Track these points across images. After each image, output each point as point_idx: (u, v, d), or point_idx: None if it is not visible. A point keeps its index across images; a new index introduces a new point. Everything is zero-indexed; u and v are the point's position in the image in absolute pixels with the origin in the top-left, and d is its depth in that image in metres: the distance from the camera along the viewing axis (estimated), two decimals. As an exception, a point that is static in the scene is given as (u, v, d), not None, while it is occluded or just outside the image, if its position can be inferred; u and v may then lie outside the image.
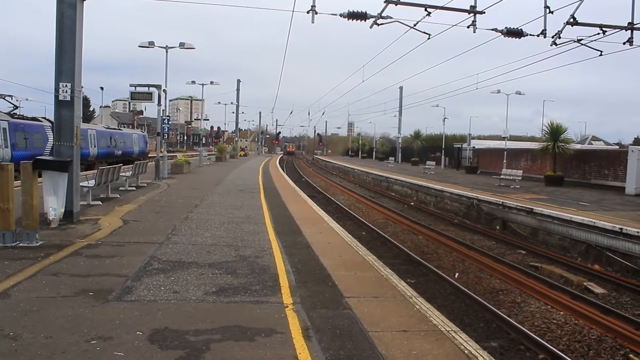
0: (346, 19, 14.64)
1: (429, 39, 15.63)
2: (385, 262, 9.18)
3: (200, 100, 62.61)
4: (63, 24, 10.42)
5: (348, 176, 44.80)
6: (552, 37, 14.94)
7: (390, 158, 61.44)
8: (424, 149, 59.36)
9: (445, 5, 14.31)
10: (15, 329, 4.71)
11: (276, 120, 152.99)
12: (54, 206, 9.83)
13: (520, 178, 25.83)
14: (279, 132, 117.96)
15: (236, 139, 73.07)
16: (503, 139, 35.06)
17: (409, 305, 6.08)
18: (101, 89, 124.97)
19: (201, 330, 4.88)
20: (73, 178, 10.59)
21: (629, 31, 14.65)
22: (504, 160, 32.84)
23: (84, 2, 10.84)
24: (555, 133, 26.69)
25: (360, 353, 4.56)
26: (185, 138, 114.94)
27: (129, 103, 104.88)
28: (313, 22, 14.53)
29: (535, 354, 6.93)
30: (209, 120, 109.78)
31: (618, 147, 41.55)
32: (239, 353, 4.41)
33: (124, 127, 63.04)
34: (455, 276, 10.96)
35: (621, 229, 12.04)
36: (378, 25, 14.84)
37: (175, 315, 5.28)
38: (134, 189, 18.25)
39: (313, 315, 5.52)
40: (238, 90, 64.78)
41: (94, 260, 7.51)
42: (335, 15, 14.60)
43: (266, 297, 6.07)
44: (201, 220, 11.67)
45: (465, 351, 4.75)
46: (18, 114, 28.38)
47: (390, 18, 14.67)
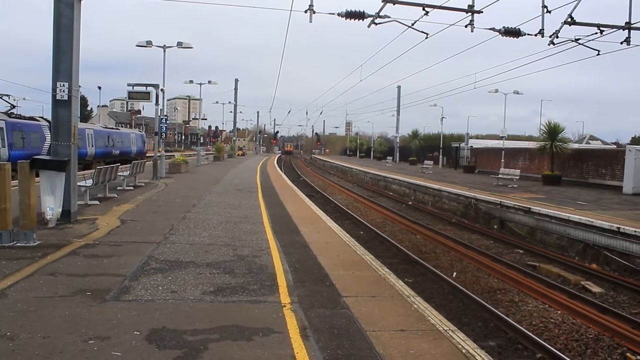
0: (344, 19, 14.58)
1: (426, 38, 15.61)
2: (383, 262, 9.19)
3: (198, 99, 62.57)
4: (60, 23, 10.41)
5: (346, 175, 44.80)
6: (550, 37, 14.93)
7: (388, 157, 61.56)
8: (422, 149, 59.42)
9: (443, 5, 14.28)
10: (13, 329, 4.70)
11: (274, 119, 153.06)
12: (52, 206, 9.81)
13: (518, 177, 25.88)
14: (277, 132, 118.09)
15: (234, 138, 72.97)
16: (501, 138, 35.10)
17: (407, 305, 6.08)
18: (99, 88, 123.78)
19: (199, 330, 4.88)
20: (70, 178, 10.58)
21: (627, 31, 14.65)
22: (502, 160, 32.87)
23: (82, 2, 10.82)
24: (552, 132, 26.75)
25: (357, 352, 4.56)
26: (183, 137, 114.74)
27: (127, 102, 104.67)
28: (311, 22, 14.50)
29: (532, 353, 6.94)
30: (206, 119, 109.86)
31: (615, 147, 41.68)
32: (236, 353, 4.41)
33: (122, 127, 62.88)
34: (453, 275, 10.97)
35: (619, 228, 12.08)
36: (376, 24, 14.81)
37: (172, 315, 5.28)
38: (132, 188, 18.23)
39: (311, 314, 5.52)
40: (236, 89, 64.71)
41: (91, 260, 7.50)
42: (333, 14, 14.56)
43: (264, 297, 6.07)
44: (199, 220, 11.66)
45: (463, 350, 4.75)
46: (15, 113, 28.31)
47: (388, 17, 14.65)
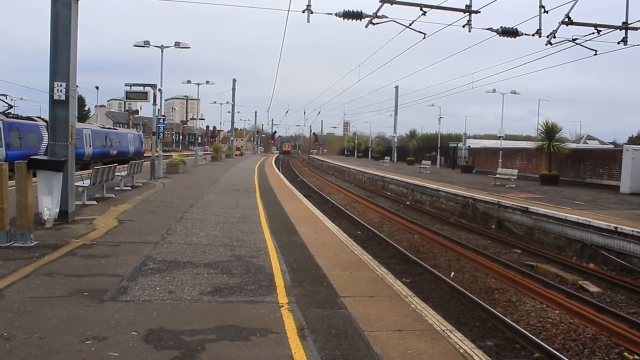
0: (342, 19, 14.60)
1: (424, 38, 15.63)
2: (381, 262, 9.20)
3: (196, 99, 62.51)
4: (58, 23, 10.39)
5: (344, 175, 44.80)
6: (547, 37, 14.97)
7: (386, 157, 61.57)
8: (420, 149, 59.52)
9: (440, 5, 14.30)
10: (10, 330, 4.69)
11: (272, 119, 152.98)
12: (49, 206, 9.79)
13: (515, 177, 25.92)
14: (275, 132, 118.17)
15: (232, 138, 72.83)
16: (498, 138, 35.13)
17: (405, 305, 6.09)
18: (96, 88, 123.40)
19: (196, 330, 4.87)
20: (68, 178, 10.56)
21: (624, 31, 14.70)
22: (500, 160, 32.94)
23: (79, 2, 10.81)
24: (550, 132, 26.81)
25: (355, 353, 4.56)
26: (181, 137, 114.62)
27: (125, 102, 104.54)
28: (309, 22, 14.51)
29: (530, 353, 6.95)
30: (204, 119, 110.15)
31: (613, 146, 41.77)
32: (234, 353, 4.41)
33: (120, 127, 62.78)
34: (451, 275, 10.97)
35: (616, 227, 12.10)
36: (373, 24, 14.83)
37: (170, 316, 5.27)
38: (130, 188, 18.20)
39: (308, 314, 5.52)
40: (234, 89, 64.66)
41: (89, 260, 7.49)
42: (331, 14, 14.57)
43: (261, 297, 6.07)
44: (196, 220, 11.65)
45: (461, 350, 4.76)
46: (13, 113, 28.25)
47: (386, 17, 14.66)
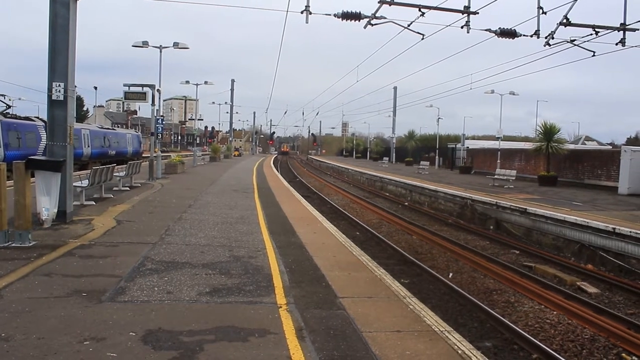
0: (340, 19, 14.61)
1: (422, 39, 15.65)
2: (379, 262, 9.20)
3: (194, 100, 62.41)
4: (56, 23, 10.37)
5: (342, 176, 44.81)
6: (546, 38, 15.00)
7: (384, 158, 61.56)
8: (418, 149, 59.55)
9: (439, 6, 14.31)
10: (7, 330, 4.68)
11: (270, 120, 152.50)
12: (47, 206, 9.76)
13: (514, 178, 25.94)
14: (273, 132, 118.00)
15: (230, 138, 72.80)
16: (497, 139, 35.18)
17: (403, 306, 6.09)
18: (95, 88, 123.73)
19: (195, 331, 4.87)
20: (66, 178, 10.54)
21: (622, 32, 14.72)
22: (498, 161, 32.98)
23: (77, 2, 10.79)
24: (548, 133, 26.84)
25: (354, 353, 4.56)
26: (179, 138, 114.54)
27: (123, 103, 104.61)
28: (307, 22, 14.51)
29: (528, 354, 6.96)
30: (203, 120, 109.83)
31: (611, 147, 41.81)
32: (232, 354, 4.40)
33: (118, 127, 62.77)
34: (449, 276, 10.98)
35: (614, 228, 12.12)
36: (372, 25, 14.83)
37: (168, 316, 5.27)
38: (128, 189, 18.17)
39: (307, 315, 5.51)
40: (232, 90, 64.66)
41: (87, 261, 7.47)
42: (330, 15, 14.56)
43: (260, 298, 6.06)
44: (195, 221, 11.64)
45: (459, 351, 4.76)
46: (11, 113, 28.22)
47: (384, 18, 14.66)
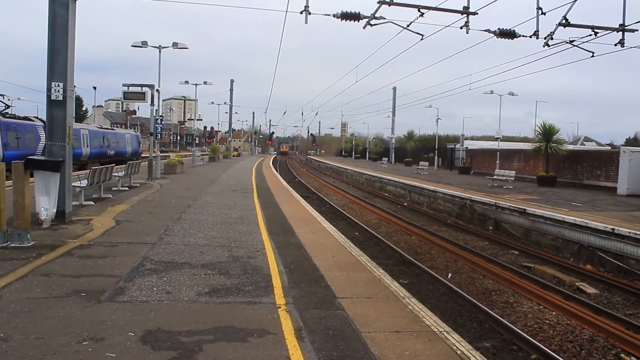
0: (339, 20, 14.61)
1: (422, 39, 15.66)
2: (378, 263, 9.20)
3: (193, 100, 62.36)
4: (55, 23, 10.36)
5: (341, 176, 44.81)
6: (545, 38, 15.01)
7: (383, 158, 61.61)
8: (417, 150, 59.56)
9: (438, 6, 14.32)
10: (6, 330, 4.68)
11: (269, 120, 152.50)
12: (46, 206, 9.76)
13: (513, 178, 25.97)
14: (273, 132, 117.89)
15: (229, 139, 72.85)
16: (496, 139, 35.21)
17: (402, 306, 6.09)
18: (94, 88, 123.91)
19: (194, 331, 4.87)
20: (65, 178, 10.53)
21: (621, 32, 14.74)
22: (497, 161, 32.99)
23: (77, 2, 10.79)
24: (547, 133, 26.85)
25: (353, 354, 4.56)
26: (178, 138, 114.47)
27: (122, 103, 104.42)
28: (306, 23, 14.51)
29: (527, 354, 6.96)
30: (202, 120, 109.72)
31: (610, 148, 41.85)
32: (231, 354, 4.40)
33: (117, 127, 62.75)
34: (449, 277, 10.98)
35: (613, 229, 12.13)
36: (371, 25, 14.83)
37: (167, 316, 5.26)
38: (127, 189, 18.16)
39: (306, 315, 5.51)
40: (231, 90, 64.71)
41: (86, 261, 7.47)
42: (329, 15, 14.56)
43: (259, 298, 6.06)
44: (194, 221, 11.63)
45: (458, 351, 4.76)
46: (10, 113, 28.21)
47: (384, 19, 14.66)
